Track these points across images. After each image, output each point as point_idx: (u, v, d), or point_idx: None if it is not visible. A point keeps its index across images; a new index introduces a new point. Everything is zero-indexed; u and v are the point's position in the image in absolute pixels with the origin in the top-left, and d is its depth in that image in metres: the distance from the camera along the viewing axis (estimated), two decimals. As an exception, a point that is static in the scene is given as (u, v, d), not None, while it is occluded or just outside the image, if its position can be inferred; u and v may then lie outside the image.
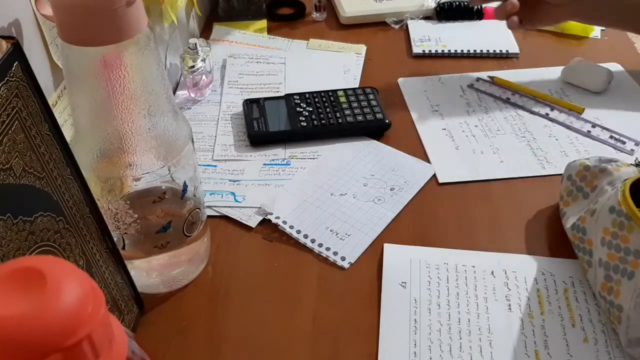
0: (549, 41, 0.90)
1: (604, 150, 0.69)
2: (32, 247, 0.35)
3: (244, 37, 0.92)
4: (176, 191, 0.47)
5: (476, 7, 0.93)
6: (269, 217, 0.60)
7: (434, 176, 0.66)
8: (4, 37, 0.33)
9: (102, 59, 0.37)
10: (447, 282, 0.53)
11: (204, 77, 0.76)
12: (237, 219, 0.60)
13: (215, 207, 0.61)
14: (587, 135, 0.71)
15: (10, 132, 0.33)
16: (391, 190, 0.63)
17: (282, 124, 0.70)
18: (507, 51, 0.87)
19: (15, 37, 0.34)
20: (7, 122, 0.32)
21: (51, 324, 0.19)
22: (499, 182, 0.65)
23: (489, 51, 0.87)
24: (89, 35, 0.36)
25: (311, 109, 0.72)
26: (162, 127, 0.43)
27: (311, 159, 0.68)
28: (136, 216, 0.45)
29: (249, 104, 0.73)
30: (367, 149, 0.69)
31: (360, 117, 0.71)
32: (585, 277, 0.53)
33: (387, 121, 0.71)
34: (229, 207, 0.61)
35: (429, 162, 0.67)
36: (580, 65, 0.79)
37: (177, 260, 0.51)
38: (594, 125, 0.72)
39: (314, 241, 0.57)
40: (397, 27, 0.95)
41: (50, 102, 0.37)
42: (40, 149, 0.36)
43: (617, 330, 0.47)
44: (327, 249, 0.57)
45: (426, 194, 0.63)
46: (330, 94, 0.75)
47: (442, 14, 0.95)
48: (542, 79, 0.81)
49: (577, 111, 0.74)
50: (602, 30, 0.92)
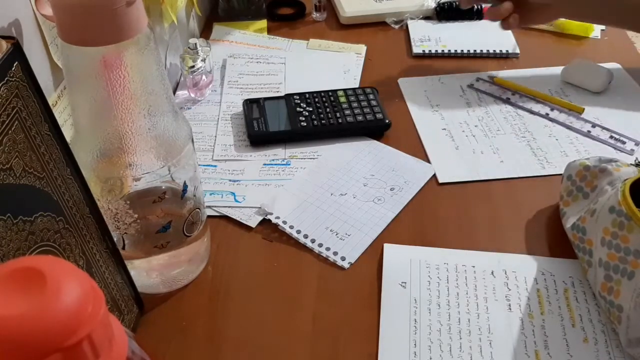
0: (549, 41, 0.90)
1: (604, 150, 0.69)
2: (32, 247, 0.35)
3: (244, 37, 0.92)
4: (176, 191, 0.47)
5: (476, 7, 0.93)
6: (269, 217, 0.60)
7: (434, 176, 0.66)
8: (4, 37, 0.33)
9: (102, 59, 0.37)
10: (447, 282, 0.53)
11: (204, 77, 0.76)
12: (237, 219, 0.60)
13: (215, 207, 0.61)
14: (587, 135, 0.71)
15: (10, 132, 0.33)
16: (391, 190, 0.63)
17: (282, 124, 0.70)
18: (507, 51, 0.87)
19: (15, 37, 0.34)
20: (7, 122, 0.32)
21: (51, 324, 0.19)
22: (499, 182, 0.65)
23: (489, 51, 0.87)
24: (89, 35, 0.36)
25: (311, 109, 0.72)
26: (162, 127, 0.43)
27: (311, 159, 0.68)
28: (136, 216, 0.45)
29: (249, 104, 0.73)
30: (367, 149, 0.69)
31: (360, 117, 0.71)
32: (585, 277, 0.53)
33: (387, 121, 0.71)
34: (229, 207, 0.61)
35: (429, 162, 0.67)
36: (580, 65, 0.79)
37: (177, 260, 0.52)
38: (594, 125, 0.72)
39: (314, 241, 0.57)
40: (397, 27, 0.95)
41: (50, 102, 0.37)
42: (40, 149, 0.36)
43: (617, 330, 0.47)
44: (327, 249, 0.57)
45: (426, 194, 0.63)
46: (330, 94, 0.75)
47: (442, 14, 0.95)
48: (542, 79, 0.81)
49: (577, 111, 0.74)
50: (602, 30, 0.92)
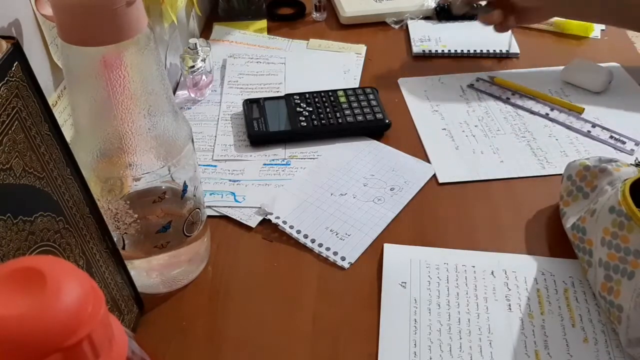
0: (549, 41, 0.90)
1: (604, 150, 0.69)
2: (32, 247, 0.35)
3: (244, 37, 0.92)
4: (176, 191, 0.47)
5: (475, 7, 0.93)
6: (269, 217, 0.60)
7: (434, 176, 0.66)
8: (4, 37, 0.33)
9: (102, 59, 0.37)
10: (447, 282, 0.53)
11: (204, 77, 0.76)
12: (237, 219, 0.60)
13: (215, 207, 0.61)
14: (587, 135, 0.71)
15: (10, 132, 0.33)
16: (391, 190, 0.63)
17: (282, 124, 0.70)
18: (507, 51, 0.87)
19: (15, 37, 0.34)
20: (7, 122, 0.32)
21: (51, 324, 0.19)
22: (499, 182, 0.65)
23: (489, 51, 0.87)
24: (89, 35, 0.36)
25: (311, 109, 0.72)
26: (162, 127, 0.43)
27: (311, 159, 0.68)
28: (136, 216, 0.45)
29: (249, 104, 0.73)
30: (367, 149, 0.69)
31: (360, 117, 0.71)
32: (585, 277, 0.53)
33: (387, 121, 0.71)
34: (229, 207, 0.61)
35: (429, 162, 0.67)
36: (580, 65, 0.79)
37: (177, 260, 0.52)
38: (594, 125, 0.72)
39: (314, 241, 0.57)
40: (397, 27, 0.95)
41: (50, 102, 0.37)
42: (40, 149, 0.36)
43: (617, 330, 0.47)
44: (327, 249, 0.57)
45: (426, 194, 0.63)
46: (330, 94, 0.75)
47: (442, 14, 0.95)
48: (542, 79, 0.81)
49: (577, 111, 0.74)
50: (602, 30, 0.92)
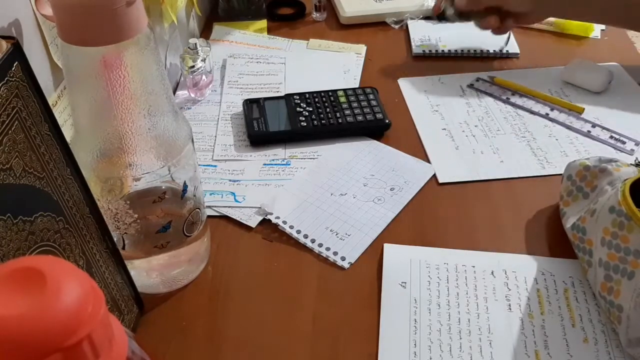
0: (549, 41, 0.90)
1: (604, 150, 0.69)
2: (32, 247, 0.35)
3: (244, 37, 0.92)
4: (176, 191, 0.47)
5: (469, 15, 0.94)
6: (269, 217, 0.60)
7: (434, 176, 0.66)
8: (4, 37, 0.33)
9: (102, 59, 0.37)
10: (447, 282, 0.53)
11: (204, 77, 0.76)
12: (237, 219, 0.60)
13: (215, 207, 0.61)
14: (587, 135, 0.71)
15: (10, 132, 0.33)
16: (391, 190, 0.63)
17: (282, 124, 0.70)
18: (507, 51, 0.87)
19: (15, 37, 0.34)
20: (7, 122, 0.32)
21: (51, 324, 0.19)
22: (499, 182, 0.65)
23: (489, 51, 0.87)
24: (89, 35, 0.36)
25: (311, 109, 0.72)
26: (162, 127, 0.43)
27: (311, 159, 0.68)
28: (136, 216, 0.45)
29: (249, 104, 0.73)
30: (367, 149, 0.69)
31: (360, 117, 0.71)
32: (585, 277, 0.53)
33: (387, 121, 0.71)
34: (229, 207, 0.61)
35: (429, 162, 0.67)
36: (580, 65, 0.79)
37: (177, 260, 0.52)
38: (594, 125, 0.72)
39: (314, 241, 0.57)
40: (397, 27, 0.95)
41: (50, 102, 0.37)
42: (40, 149, 0.36)
43: (617, 330, 0.47)
44: (327, 249, 0.57)
45: (426, 194, 0.63)
46: (330, 94, 0.75)
47: (442, 14, 0.95)
48: (542, 79, 0.81)
49: (577, 111, 0.74)
50: (602, 30, 0.92)
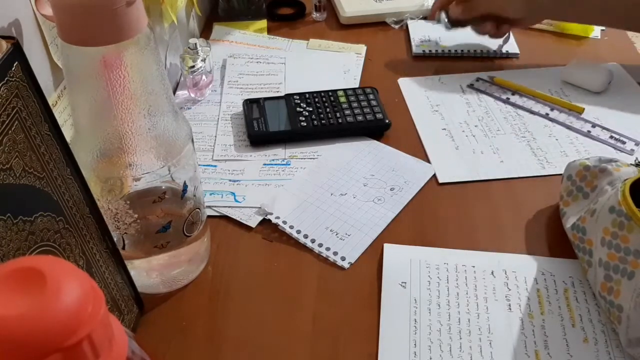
0: (549, 41, 0.90)
1: (604, 150, 0.69)
2: (32, 247, 0.35)
3: (244, 37, 0.92)
4: (176, 191, 0.47)
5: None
6: (269, 217, 0.60)
7: (434, 176, 0.66)
8: (4, 37, 0.33)
9: (102, 59, 0.37)
10: (447, 282, 0.53)
11: (204, 77, 0.76)
12: (237, 219, 0.60)
13: (215, 207, 0.61)
14: (587, 135, 0.71)
15: (10, 132, 0.33)
16: (391, 190, 0.63)
17: (282, 124, 0.70)
18: (507, 51, 0.87)
19: (15, 37, 0.34)
20: (7, 122, 0.32)
21: (51, 324, 0.19)
22: (499, 182, 0.65)
23: (489, 51, 0.87)
24: (89, 35, 0.36)
25: (311, 109, 0.72)
26: (162, 127, 0.43)
27: (311, 159, 0.68)
28: (136, 216, 0.45)
29: (249, 104, 0.73)
30: (367, 149, 0.69)
31: (360, 117, 0.71)
32: (585, 277, 0.53)
33: (387, 121, 0.71)
34: (229, 207, 0.61)
35: (429, 162, 0.67)
36: (580, 65, 0.79)
37: (177, 260, 0.52)
38: (594, 125, 0.72)
39: (314, 241, 0.57)
40: (397, 27, 0.95)
41: (50, 102, 0.37)
42: (40, 149, 0.36)
43: (617, 330, 0.47)
44: (327, 249, 0.57)
45: (426, 194, 0.63)
46: (330, 94, 0.75)
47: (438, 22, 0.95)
48: (542, 79, 0.81)
49: (577, 111, 0.74)
50: (602, 30, 0.92)
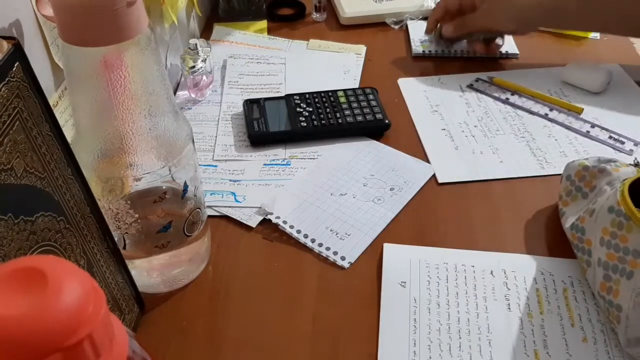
0: (548, 41, 0.90)
1: (603, 150, 0.69)
2: (33, 247, 0.35)
3: (244, 37, 0.92)
4: (177, 191, 0.47)
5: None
6: (269, 217, 0.60)
7: (434, 176, 0.66)
8: (4, 37, 0.33)
9: (103, 60, 0.37)
10: (447, 282, 0.53)
11: (205, 77, 0.76)
12: (238, 219, 0.60)
13: (215, 207, 0.61)
14: (586, 135, 0.71)
15: (11, 132, 0.33)
16: (391, 190, 0.63)
17: (282, 124, 0.70)
18: (507, 51, 0.87)
19: (16, 37, 0.34)
20: (8, 122, 0.32)
21: (52, 324, 0.19)
22: (499, 182, 0.65)
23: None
24: (89, 35, 0.36)
25: (311, 109, 0.72)
26: (163, 128, 0.43)
27: (311, 159, 0.68)
28: (137, 216, 0.45)
29: (249, 104, 0.74)
30: (367, 149, 0.69)
31: (360, 117, 0.71)
32: (584, 277, 0.53)
33: (387, 121, 0.71)
34: (230, 207, 0.61)
35: (428, 162, 0.67)
36: (579, 65, 0.79)
37: (177, 260, 0.52)
38: (593, 125, 0.72)
39: (314, 241, 0.57)
40: (397, 27, 0.95)
41: (51, 103, 0.37)
42: (41, 149, 0.36)
43: (616, 329, 0.47)
44: (327, 249, 0.57)
45: (426, 194, 0.63)
46: (330, 94, 0.75)
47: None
48: (541, 79, 0.81)
49: (576, 111, 0.75)
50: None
